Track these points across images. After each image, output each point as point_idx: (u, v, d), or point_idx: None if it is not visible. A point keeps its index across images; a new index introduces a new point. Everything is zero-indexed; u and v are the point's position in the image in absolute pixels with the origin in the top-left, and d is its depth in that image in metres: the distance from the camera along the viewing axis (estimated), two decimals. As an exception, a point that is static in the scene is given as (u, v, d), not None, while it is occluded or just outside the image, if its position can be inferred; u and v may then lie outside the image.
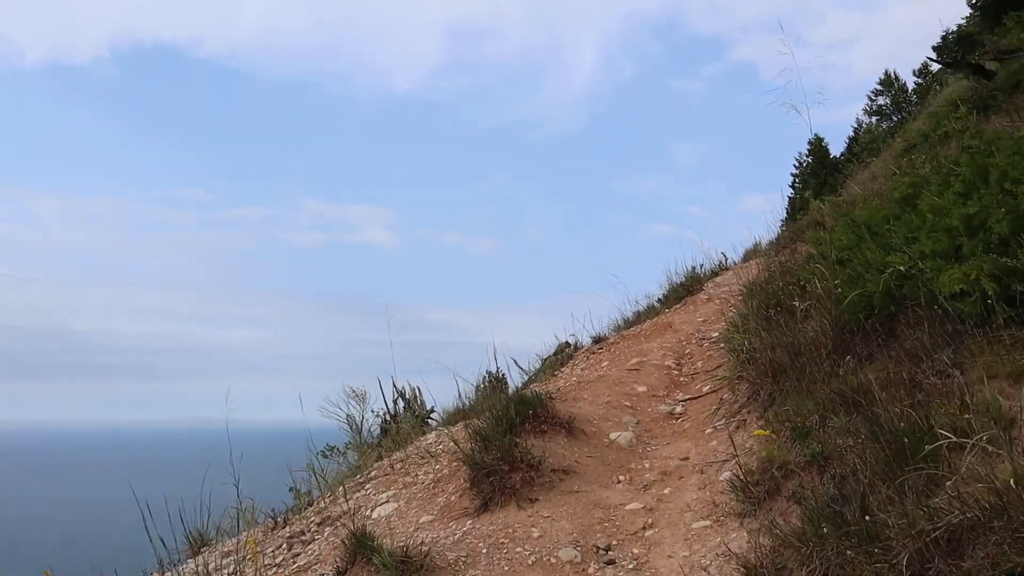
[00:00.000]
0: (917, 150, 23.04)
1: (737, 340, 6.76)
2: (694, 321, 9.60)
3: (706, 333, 8.92)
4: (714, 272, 15.61)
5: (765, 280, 8.48)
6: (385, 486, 6.62)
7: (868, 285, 5.59)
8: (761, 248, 25.75)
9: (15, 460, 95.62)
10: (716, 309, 10.00)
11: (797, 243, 11.49)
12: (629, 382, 7.43)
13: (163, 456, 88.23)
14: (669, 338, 8.99)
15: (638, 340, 9.39)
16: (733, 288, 11.49)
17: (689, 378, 7.66)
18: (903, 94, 34.07)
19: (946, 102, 24.32)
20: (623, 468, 5.74)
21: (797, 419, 4.71)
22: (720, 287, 12.40)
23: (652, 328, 9.74)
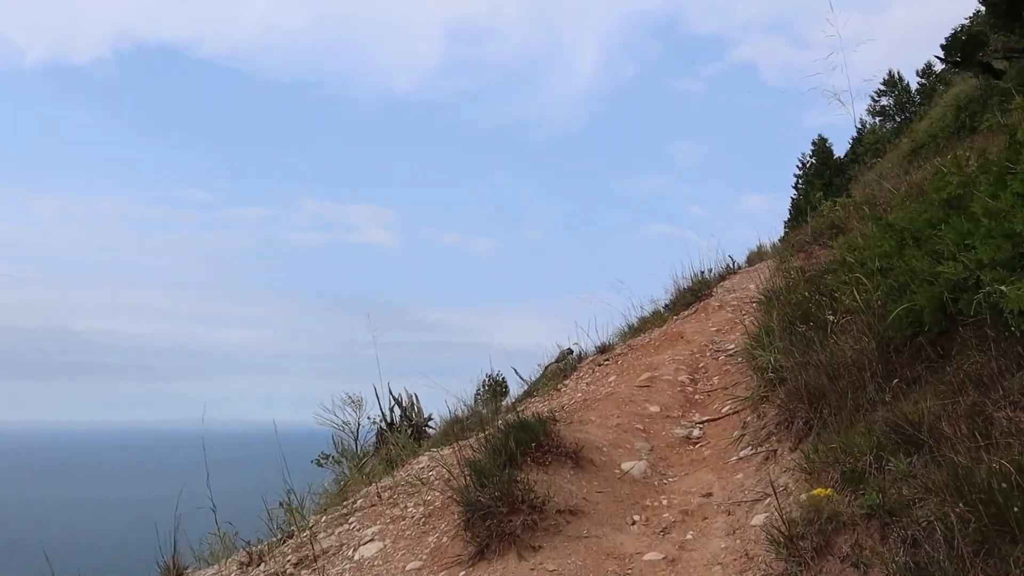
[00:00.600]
0: (925, 150, 22.26)
1: (761, 357, 6.01)
2: (706, 331, 8.86)
3: (721, 344, 8.18)
4: (721, 276, 14.87)
5: (786, 288, 7.73)
6: (371, 519, 5.87)
7: (916, 298, 4.85)
8: (766, 250, 25.05)
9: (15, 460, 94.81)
10: (729, 318, 9.26)
11: (813, 247, 10.75)
12: (640, 401, 6.68)
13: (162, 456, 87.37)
14: (681, 350, 8.24)
15: (647, 352, 8.64)
16: (745, 294, 10.75)
17: (705, 396, 6.92)
18: (906, 95, 33.31)
19: (954, 102, 23.60)
20: (637, 505, 4.99)
21: (847, 458, 3.96)
22: (730, 292, 11.66)
23: (662, 338, 8.99)
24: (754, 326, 7.45)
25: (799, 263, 10.95)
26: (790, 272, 8.48)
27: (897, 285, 5.24)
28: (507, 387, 28.61)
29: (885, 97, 33.83)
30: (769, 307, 7.36)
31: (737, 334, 8.37)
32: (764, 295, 8.11)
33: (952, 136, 21.46)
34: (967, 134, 21.10)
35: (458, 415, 15.36)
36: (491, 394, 28.33)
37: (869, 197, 13.78)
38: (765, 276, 13.60)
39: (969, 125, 21.46)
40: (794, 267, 10.30)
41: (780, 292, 7.71)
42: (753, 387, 6.09)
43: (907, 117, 31.74)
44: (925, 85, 32.48)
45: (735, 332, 8.59)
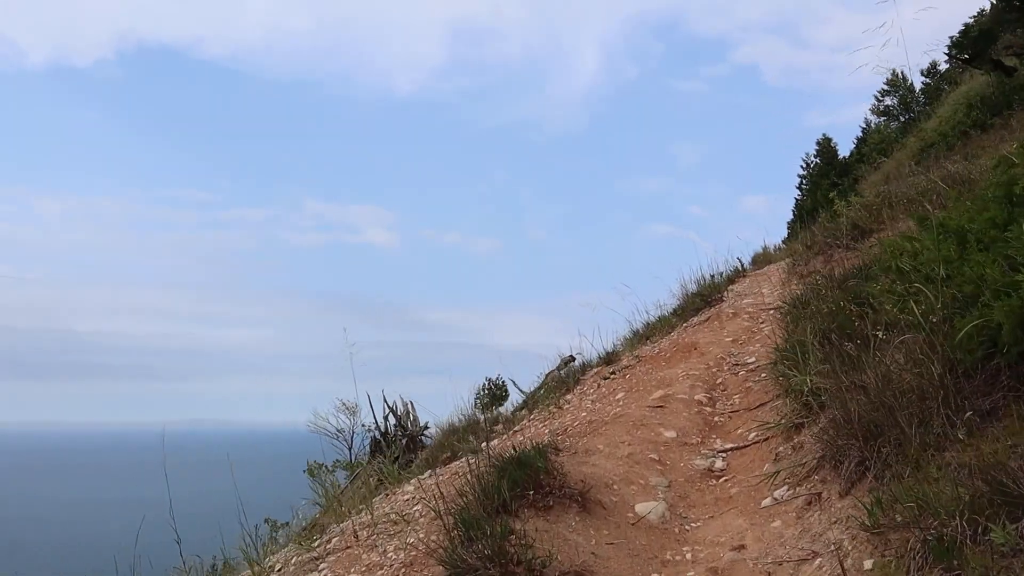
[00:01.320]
0: (934, 149, 21.30)
1: (796, 379, 5.13)
2: (722, 341, 7.98)
3: (740, 357, 7.30)
4: (730, 279, 13.98)
5: (815, 295, 6.86)
6: (344, 567, 4.99)
7: (992, 312, 3.97)
8: (771, 252, 24.15)
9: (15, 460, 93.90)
10: (745, 326, 8.38)
11: (833, 250, 9.87)
12: (653, 424, 5.80)
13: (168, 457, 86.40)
14: (695, 363, 7.36)
15: (657, 364, 7.77)
16: (759, 300, 9.88)
17: (726, 418, 6.04)
18: (910, 94, 32.41)
19: (964, 99, 22.67)
20: (656, 559, 4.11)
21: (929, 520, 3.08)
22: (742, 297, 10.79)
23: (673, 349, 8.11)
24: (779, 338, 6.57)
25: (818, 267, 10.08)
26: (815, 278, 7.60)
27: (962, 296, 4.37)
28: (507, 392, 27.65)
29: (889, 97, 32.95)
30: (795, 317, 6.49)
31: (756, 345, 7.50)
32: (788, 303, 7.24)
33: (963, 134, 20.58)
34: (979, 132, 20.20)
35: (454, 424, 14.50)
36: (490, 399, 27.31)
37: (885, 196, 12.93)
38: (777, 279, 12.73)
39: (981, 123, 20.57)
40: (817, 272, 9.41)
41: (807, 300, 6.83)
42: (785, 411, 5.21)
43: (912, 117, 30.87)
44: (930, 84, 31.58)
45: (753, 343, 7.72)
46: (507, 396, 27.55)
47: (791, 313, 6.92)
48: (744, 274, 14.06)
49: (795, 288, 9.65)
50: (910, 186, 12.28)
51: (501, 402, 27.40)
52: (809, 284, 7.74)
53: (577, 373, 9.37)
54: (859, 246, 9.25)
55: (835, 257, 9.60)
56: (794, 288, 9.74)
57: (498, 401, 27.29)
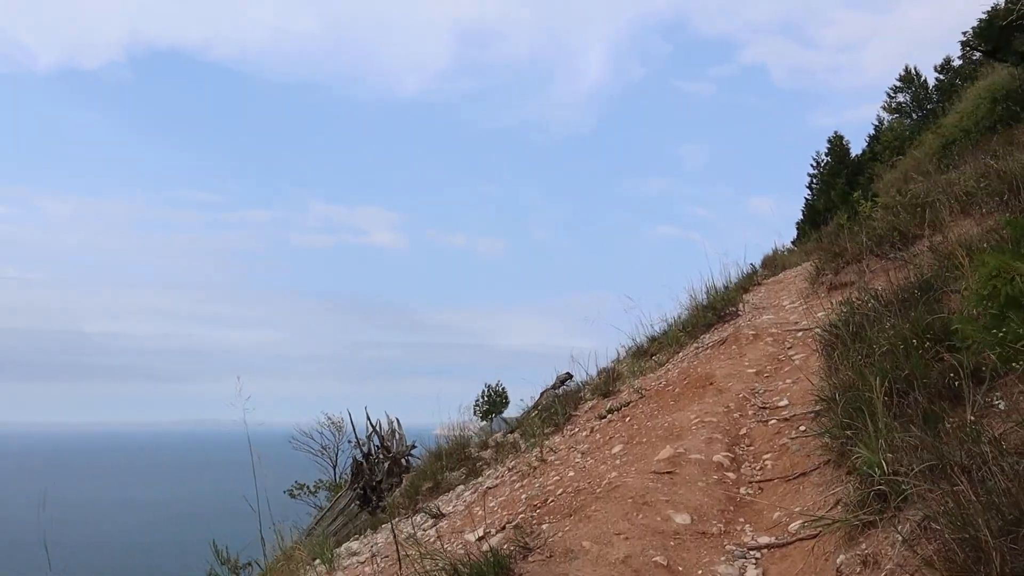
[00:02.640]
0: (957, 146, 19.49)
1: (862, 455, 3.52)
2: (743, 373, 6.37)
3: (767, 398, 5.69)
4: (743, 287, 12.35)
5: (863, 321, 5.25)
6: None
7: None
8: (781, 253, 22.41)
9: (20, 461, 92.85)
10: (771, 353, 6.77)
11: (867, 259, 8.24)
12: (659, 501, 4.21)
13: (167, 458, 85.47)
14: (711, 403, 5.76)
15: (665, 403, 6.17)
16: (783, 316, 8.26)
17: (757, 490, 4.43)
18: (924, 91, 30.64)
19: (987, 93, 20.90)
20: None
21: None
22: (760, 311, 9.17)
23: (684, 382, 6.51)
24: (822, 378, 4.97)
25: (851, 278, 8.45)
26: (859, 296, 5.98)
27: None
28: (507, 399, 26.04)
29: (901, 93, 31.22)
30: (843, 352, 4.89)
31: (787, 381, 5.89)
32: (827, 329, 5.63)
33: (989, 129, 18.83)
34: (1005, 127, 18.44)
35: (441, 446, 12.92)
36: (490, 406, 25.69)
37: (920, 196, 11.30)
38: (797, 289, 11.10)
39: (1007, 117, 18.81)
40: (853, 285, 7.79)
41: (855, 327, 5.22)
42: (844, 497, 3.61)
43: (926, 113, 29.15)
44: (944, 80, 29.82)
45: (782, 376, 6.11)
46: (507, 403, 25.91)
47: (834, 345, 5.31)
48: (758, 282, 12.44)
49: (826, 304, 8.03)
50: (948, 184, 10.65)
51: (500, 409, 25.82)
52: (852, 304, 6.13)
53: (570, 403, 7.77)
54: (901, 255, 7.63)
55: (872, 267, 7.99)
56: (824, 304, 8.13)
57: (497, 408, 25.69)
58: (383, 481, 13.10)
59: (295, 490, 15.27)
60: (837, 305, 6.83)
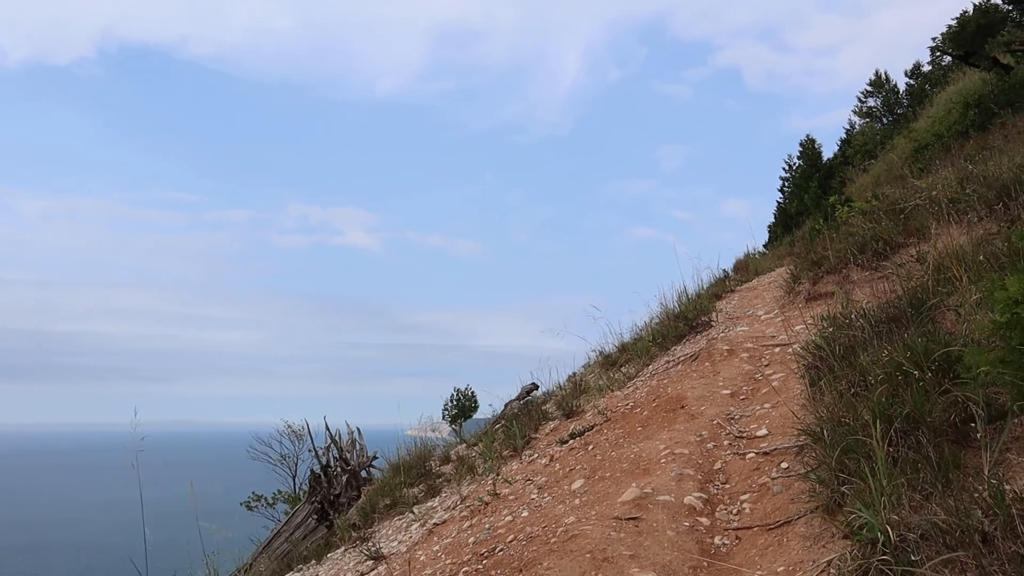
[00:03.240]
0: (929, 150, 19.09)
1: (861, 516, 2.90)
2: (717, 395, 5.76)
3: (744, 425, 5.08)
4: (716, 295, 11.80)
5: (851, 343, 4.66)
6: None
7: None
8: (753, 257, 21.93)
9: None
10: (746, 372, 6.18)
11: (849, 268, 7.68)
12: (621, 556, 3.57)
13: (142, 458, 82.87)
14: (682, 430, 5.14)
15: (631, 429, 5.54)
16: (758, 329, 7.69)
17: (733, 539, 3.81)
18: (894, 95, 30.48)
19: (960, 98, 20.59)
20: None
21: None
22: (735, 322, 8.60)
23: (653, 404, 5.89)
24: (805, 408, 4.37)
25: (830, 288, 7.90)
26: (844, 311, 5.39)
27: None
28: (476, 403, 25.34)
29: (872, 98, 31.06)
30: (830, 379, 4.29)
31: (765, 405, 5.29)
32: (809, 349, 5.04)
33: (960, 135, 18.50)
34: (977, 132, 18.10)
35: (404, 459, 12.21)
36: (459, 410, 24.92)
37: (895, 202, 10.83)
38: (772, 297, 10.55)
39: (980, 123, 18.48)
40: (832, 297, 7.22)
41: (841, 348, 4.63)
42: (845, 566, 2.99)
43: (896, 118, 28.98)
44: (914, 85, 29.68)
45: (759, 399, 5.51)
46: (476, 407, 25.18)
47: (818, 368, 4.71)
48: (732, 289, 11.89)
49: (804, 316, 7.47)
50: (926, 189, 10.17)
51: (469, 414, 25.07)
52: (835, 320, 5.54)
53: (531, 424, 7.11)
54: (885, 265, 7.08)
55: (853, 277, 7.43)
56: (802, 316, 7.56)
57: (466, 413, 24.95)
58: (342, 495, 12.37)
59: (252, 502, 14.48)
60: (818, 319, 6.25)
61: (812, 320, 6.90)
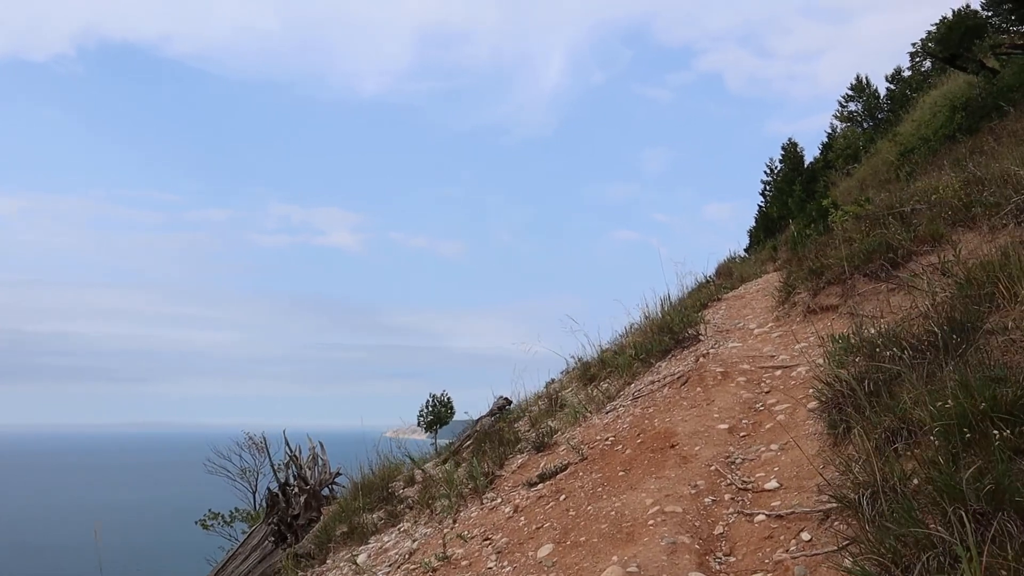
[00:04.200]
0: (916, 154, 18.26)
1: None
2: (712, 430, 4.78)
3: (748, 472, 4.10)
4: (702, 303, 10.87)
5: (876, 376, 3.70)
6: None
7: None
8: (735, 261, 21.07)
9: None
10: (744, 400, 5.21)
11: (854, 279, 6.74)
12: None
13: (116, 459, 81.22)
14: (673, 477, 4.15)
15: (612, 472, 4.55)
16: (752, 345, 6.74)
17: (745, 644, 2.83)
18: (875, 100, 29.82)
19: (946, 101, 19.84)
20: None
21: None
22: (726, 336, 7.66)
23: (636, 440, 4.90)
24: (843, 474, 3.39)
25: (833, 300, 6.97)
26: (875, 343, 4.43)
27: None
28: (452, 409, 24.23)
29: (853, 102, 30.38)
30: (868, 431, 3.34)
31: (771, 447, 4.32)
32: (828, 387, 4.07)
33: (947, 138, 17.71)
34: (965, 136, 17.31)
35: (367, 477, 11.16)
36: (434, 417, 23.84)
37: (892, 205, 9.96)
38: (763, 307, 9.63)
39: (968, 127, 17.70)
40: (837, 310, 6.29)
41: (879, 390, 3.67)
42: None
43: (877, 122, 28.34)
44: (895, 90, 29.03)
45: (762, 435, 4.55)
46: (452, 414, 24.09)
47: (840, 406, 3.75)
48: (719, 297, 10.96)
49: (805, 332, 6.52)
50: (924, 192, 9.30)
51: (445, 420, 23.96)
52: (848, 343, 4.59)
53: (496, 459, 6.08)
54: (899, 276, 6.15)
55: (860, 290, 6.49)
56: (802, 332, 6.62)
57: (442, 420, 23.84)
58: (300, 516, 11.29)
59: (208, 520, 13.35)
60: (828, 340, 5.30)
61: (819, 338, 5.96)
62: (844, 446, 3.64)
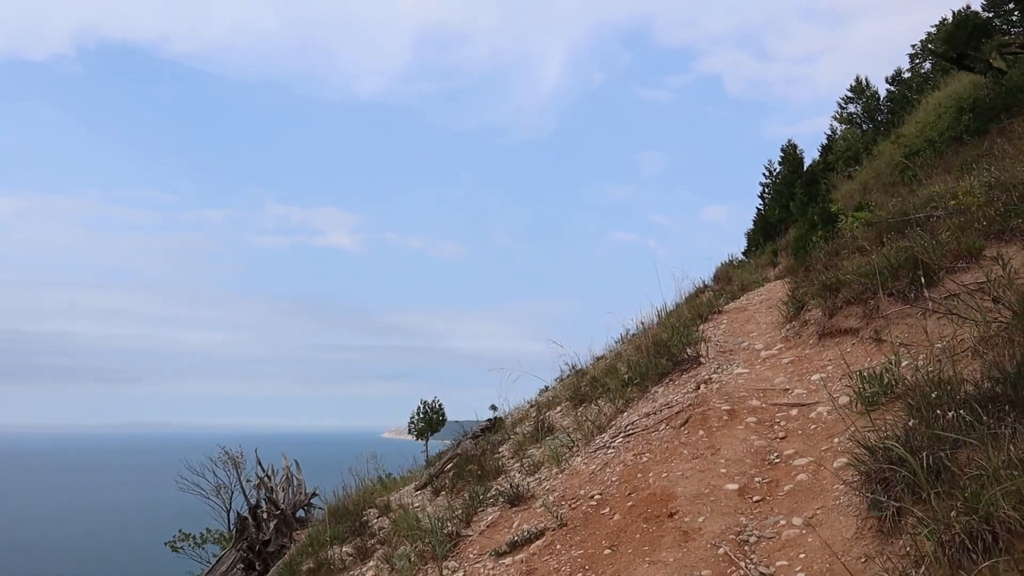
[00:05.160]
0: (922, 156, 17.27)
1: None
2: (719, 490, 3.86)
3: (768, 559, 3.19)
4: (701, 315, 9.94)
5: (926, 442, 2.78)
6: None
7: None
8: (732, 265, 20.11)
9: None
10: (756, 449, 4.29)
11: (878, 297, 5.83)
12: None
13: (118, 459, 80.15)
14: (670, 561, 3.24)
15: (595, 549, 3.63)
16: (762, 374, 5.83)
17: None
18: (875, 101, 28.88)
19: (952, 103, 18.90)
20: None
21: None
22: (729, 358, 6.77)
23: (628, 505, 3.98)
24: None
25: (853, 323, 6.06)
26: (924, 393, 3.50)
27: None
28: (443, 417, 23.26)
29: (852, 104, 29.44)
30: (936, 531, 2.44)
31: (795, 523, 3.40)
32: (880, 458, 3.16)
33: (954, 140, 16.77)
34: (972, 137, 16.36)
35: (340, 503, 10.25)
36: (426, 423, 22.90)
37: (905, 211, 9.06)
38: (769, 323, 8.72)
39: (976, 128, 16.76)
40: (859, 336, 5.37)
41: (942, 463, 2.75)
42: None
43: (876, 124, 27.41)
44: (895, 92, 28.09)
45: (782, 504, 3.63)
46: (444, 421, 23.12)
47: (888, 482, 2.84)
48: (719, 309, 10.03)
49: (820, 359, 5.60)
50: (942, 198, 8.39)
51: (436, 427, 22.98)
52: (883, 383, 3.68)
53: (464, 516, 5.15)
54: (932, 297, 5.23)
55: (885, 311, 5.57)
56: (818, 359, 5.70)
57: (433, 427, 22.87)
58: (271, 542, 10.37)
59: (178, 541, 12.42)
60: (850, 373, 4.39)
61: (839, 368, 5.04)
62: (894, 538, 2.73)
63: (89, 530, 51.67)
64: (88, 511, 56.32)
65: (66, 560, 45.98)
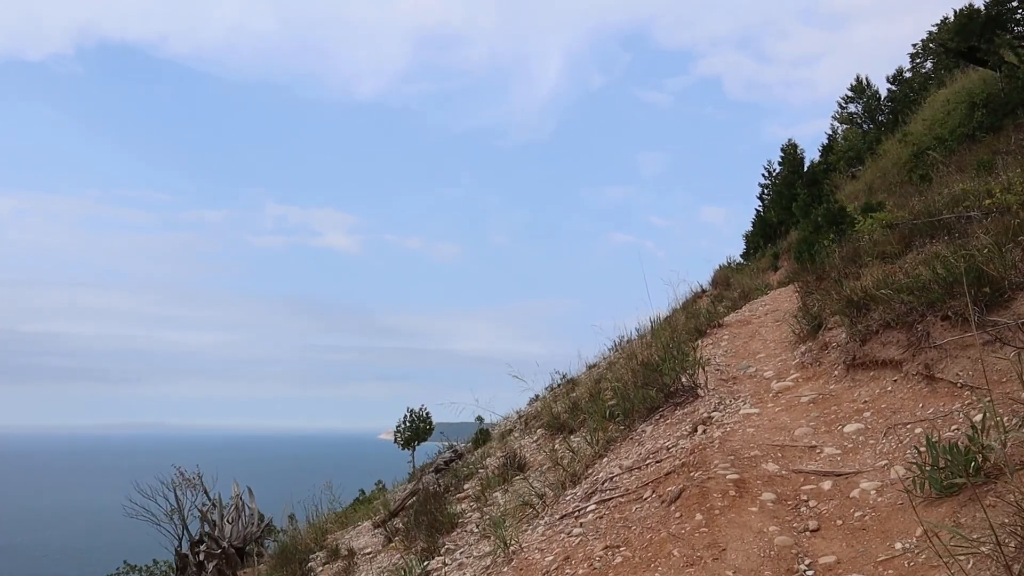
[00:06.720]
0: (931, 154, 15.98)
1: None
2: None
3: None
4: (699, 330, 8.53)
5: None
6: None
7: None
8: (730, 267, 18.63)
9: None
10: (777, 549, 2.89)
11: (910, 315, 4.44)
12: None
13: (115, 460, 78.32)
14: None
15: None
16: (775, 421, 4.43)
17: None
18: (875, 101, 27.43)
19: (964, 99, 17.46)
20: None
21: None
22: (732, 388, 5.37)
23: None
24: None
25: (893, 354, 4.66)
26: None
27: None
28: (431, 425, 21.78)
29: (853, 104, 28.00)
30: None
31: None
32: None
33: (966, 138, 15.33)
34: (986, 134, 14.94)
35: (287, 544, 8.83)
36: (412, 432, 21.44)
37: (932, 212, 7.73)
38: (776, 340, 7.33)
39: (989, 124, 15.36)
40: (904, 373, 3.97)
41: None
42: None
43: (877, 123, 25.97)
44: (896, 91, 26.62)
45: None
46: (431, 429, 21.65)
47: None
48: (719, 323, 8.62)
49: (850, 399, 4.20)
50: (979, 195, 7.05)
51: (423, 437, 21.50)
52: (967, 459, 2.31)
53: None
54: (1002, 322, 3.84)
55: (938, 339, 4.17)
56: (846, 401, 4.30)
57: (420, 436, 21.39)
58: (211, 585, 8.97)
59: (123, 574, 11.05)
60: (920, 441, 3.00)
61: (885, 420, 3.63)
62: None
63: (88, 530, 50.51)
64: (87, 512, 55.06)
65: (65, 560, 44.65)
